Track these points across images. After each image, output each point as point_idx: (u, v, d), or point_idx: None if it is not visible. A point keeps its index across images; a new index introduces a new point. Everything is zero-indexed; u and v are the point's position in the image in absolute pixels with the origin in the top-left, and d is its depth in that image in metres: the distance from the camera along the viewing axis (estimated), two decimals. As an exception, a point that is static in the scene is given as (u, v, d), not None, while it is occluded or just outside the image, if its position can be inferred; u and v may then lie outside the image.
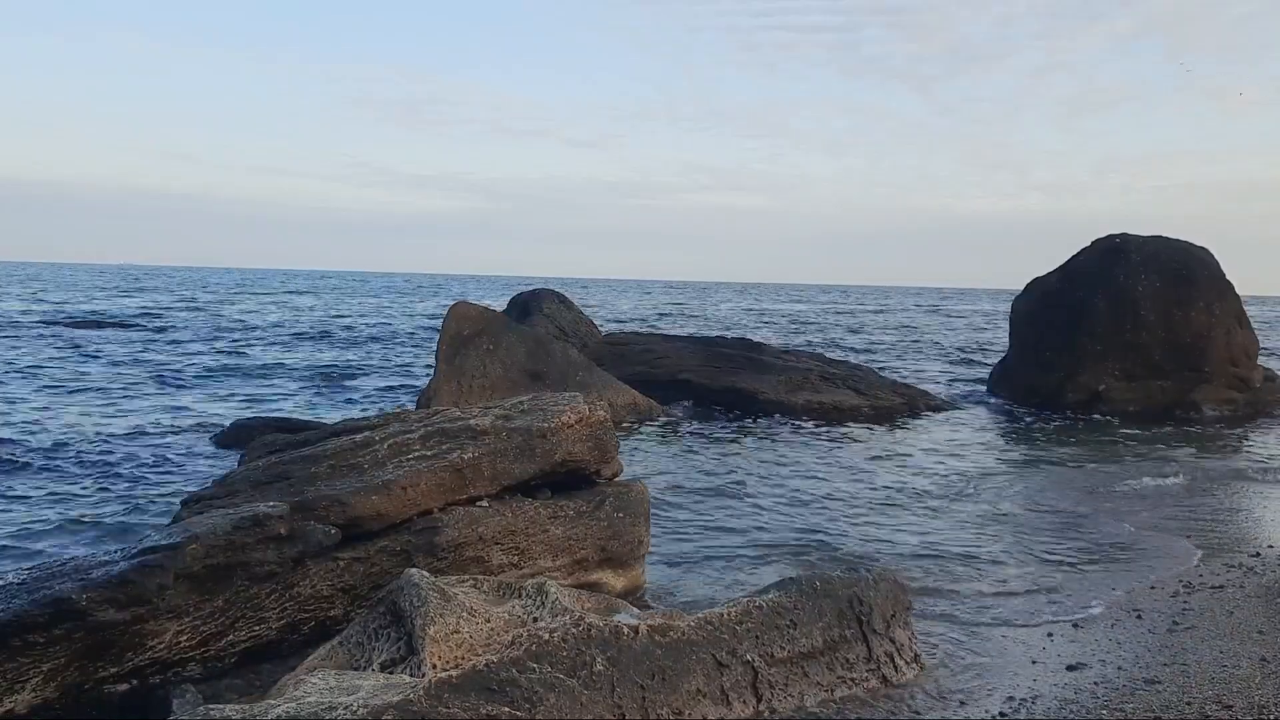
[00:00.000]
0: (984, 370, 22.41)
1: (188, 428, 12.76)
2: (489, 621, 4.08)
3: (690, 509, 8.82)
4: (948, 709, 4.54)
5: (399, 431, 5.82)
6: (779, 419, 14.85)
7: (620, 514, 6.02)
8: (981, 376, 21.24)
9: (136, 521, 8.02)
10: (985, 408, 17.34)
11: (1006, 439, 14.03)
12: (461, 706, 3.39)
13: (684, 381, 16.29)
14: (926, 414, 15.98)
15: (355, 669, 3.94)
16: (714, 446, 12.47)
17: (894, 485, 10.20)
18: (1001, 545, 7.84)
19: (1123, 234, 17.48)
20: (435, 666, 3.80)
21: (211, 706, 3.43)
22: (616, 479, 6.37)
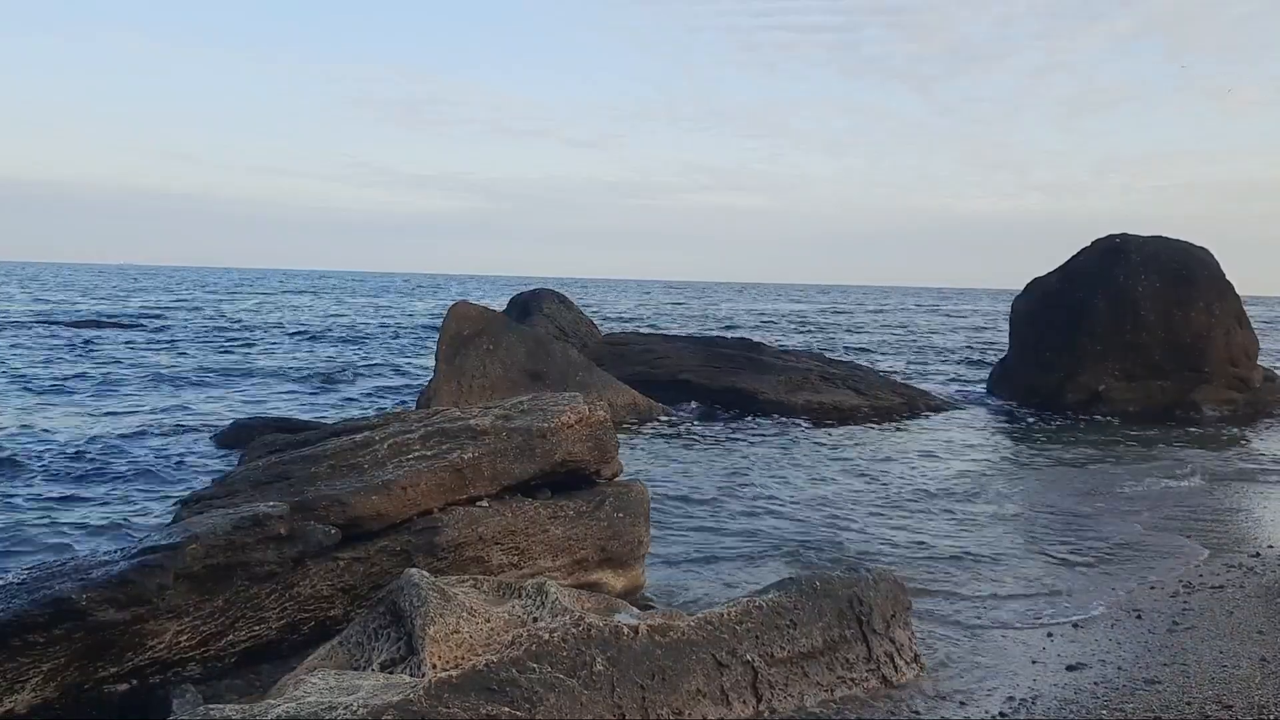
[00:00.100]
0: (984, 370, 22.42)
1: (188, 428, 12.76)
2: (489, 621, 4.08)
3: (690, 509, 8.82)
4: (948, 709, 4.54)
5: (399, 431, 5.82)
6: (779, 419, 14.85)
7: (620, 514, 6.01)
8: (981, 377, 21.25)
9: (136, 521, 8.02)
10: (985, 408, 17.34)
11: (1006, 439, 14.03)
12: (461, 706, 3.39)
13: (684, 381, 16.29)
14: (926, 414, 15.98)
15: (355, 669, 3.94)
16: (714, 446, 12.47)
17: (894, 485, 10.20)
18: (1001, 545, 7.85)
19: (1123, 234, 17.48)
20: (435, 666, 3.80)
21: (211, 706, 3.43)
22: (616, 479, 6.37)
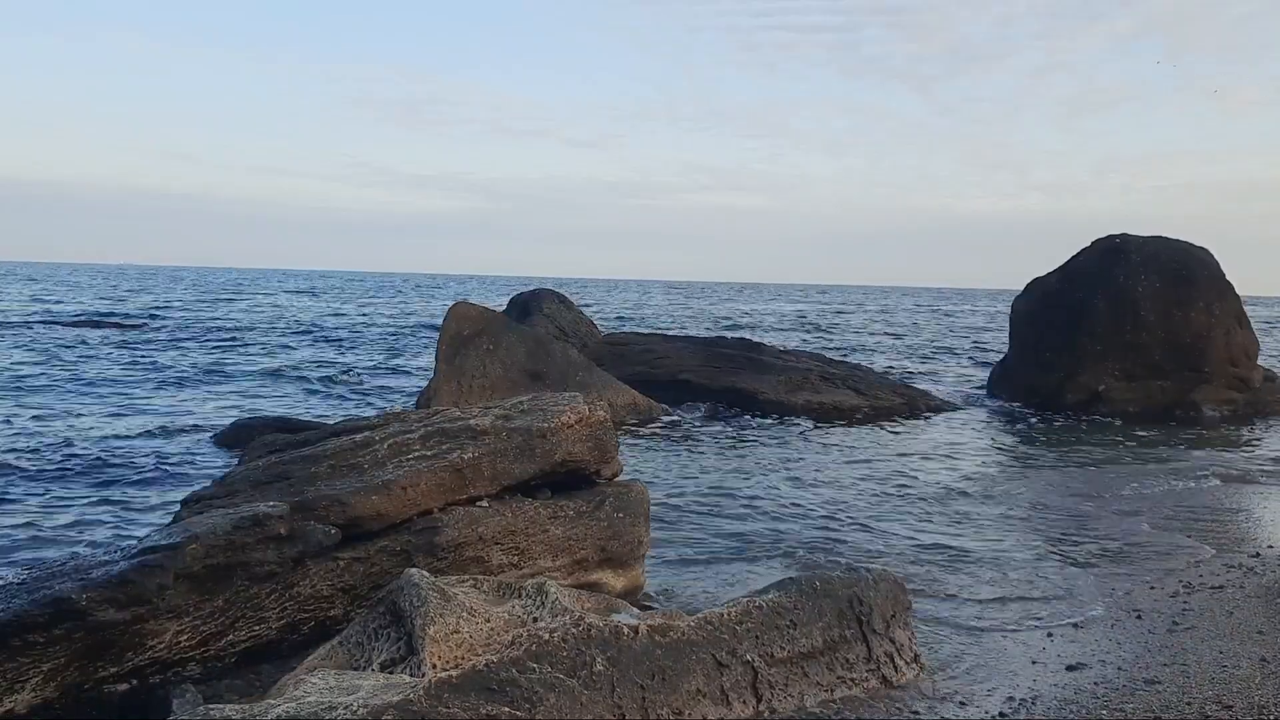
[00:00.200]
0: (984, 371, 22.42)
1: (188, 428, 12.76)
2: (489, 621, 4.08)
3: (690, 509, 8.82)
4: (948, 709, 4.54)
5: (399, 431, 5.82)
6: (779, 419, 14.85)
7: (620, 514, 6.01)
8: (981, 377, 21.25)
9: (136, 521, 8.02)
10: (985, 408, 17.35)
11: (1006, 439, 14.03)
12: (461, 706, 3.39)
13: (684, 381, 16.29)
14: (926, 414, 15.98)
15: (355, 669, 3.94)
16: (714, 446, 12.47)
17: (894, 485, 10.20)
18: (1002, 545, 7.85)
19: (1123, 234, 17.48)
20: (435, 666, 3.80)
21: (211, 706, 3.43)
22: (616, 479, 6.37)
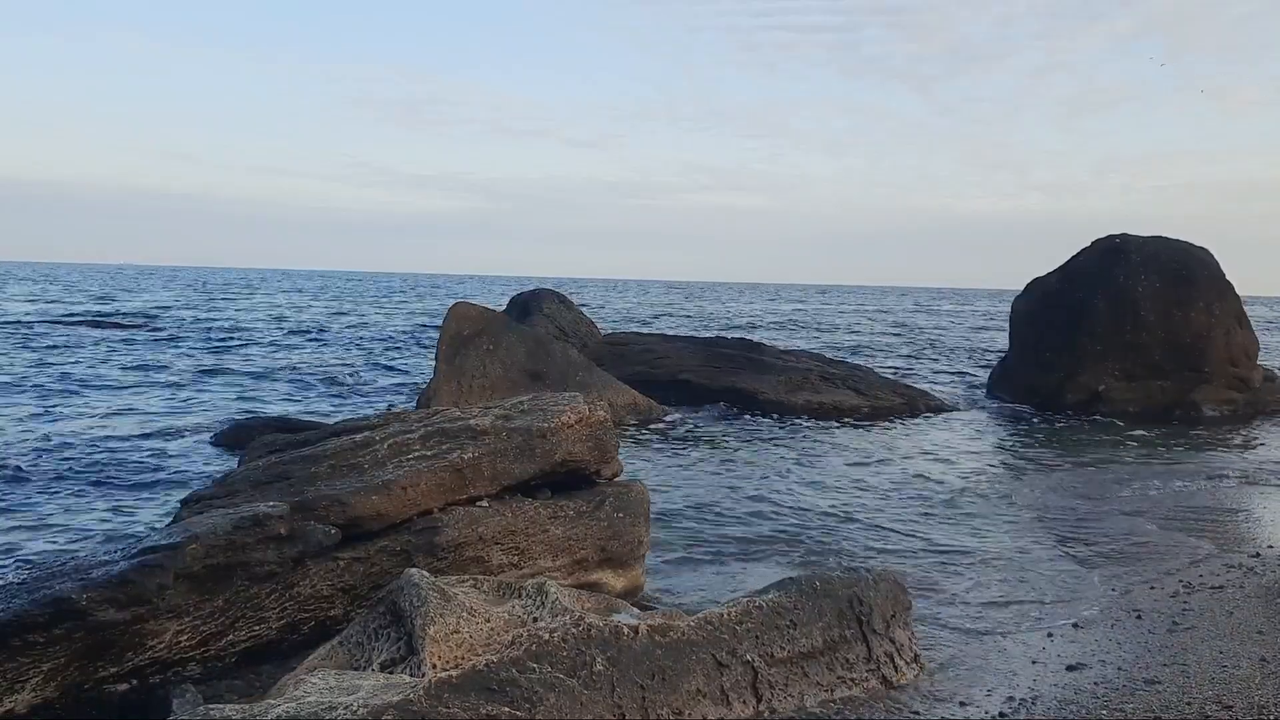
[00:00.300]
0: (984, 371, 22.42)
1: (188, 428, 12.76)
2: (489, 621, 4.08)
3: (690, 509, 8.82)
4: (948, 709, 4.54)
5: (399, 431, 5.82)
6: (779, 419, 14.85)
7: (620, 514, 6.02)
8: (981, 377, 21.25)
9: (137, 521, 8.03)
10: (985, 408, 17.34)
11: (1005, 439, 14.03)
12: (461, 706, 3.39)
13: (684, 381, 16.30)
14: (926, 414, 15.98)
15: (355, 669, 3.94)
16: (714, 446, 12.47)
17: (893, 485, 10.20)
18: (1002, 545, 7.85)
19: (1123, 234, 17.48)
20: (435, 666, 3.80)
21: (211, 706, 3.43)
22: (616, 479, 6.37)
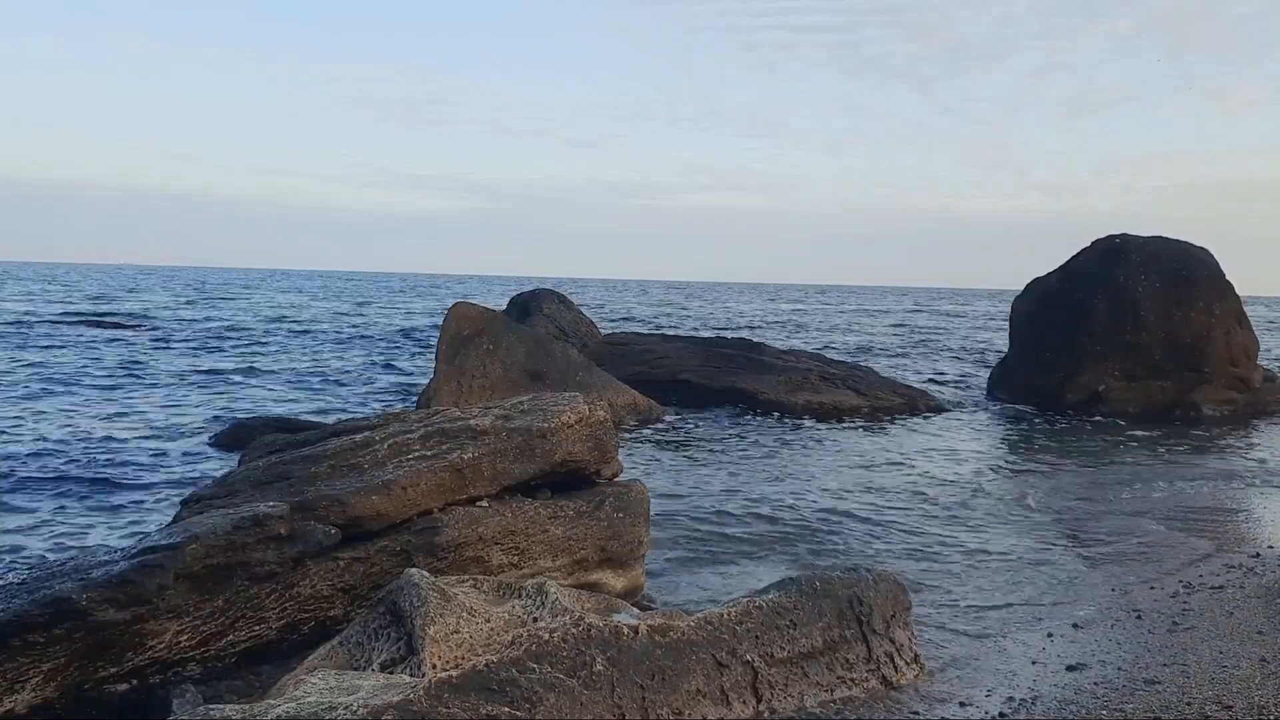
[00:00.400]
0: (984, 371, 22.42)
1: (187, 428, 12.76)
2: (489, 621, 4.08)
3: (690, 509, 8.82)
4: (947, 709, 4.54)
5: (399, 431, 5.82)
6: (779, 419, 14.85)
7: (620, 514, 6.02)
8: (981, 377, 21.25)
9: (136, 521, 8.03)
10: (985, 408, 17.34)
11: (1005, 439, 14.04)
12: (461, 706, 3.39)
13: (684, 381, 16.30)
14: (926, 414, 15.98)
15: (355, 669, 3.94)
16: (714, 446, 12.47)
17: (893, 485, 10.20)
18: (1001, 545, 7.85)
19: (1123, 234, 17.48)
20: (435, 666, 3.80)
21: (211, 706, 3.43)
22: (616, 479, 6.37)
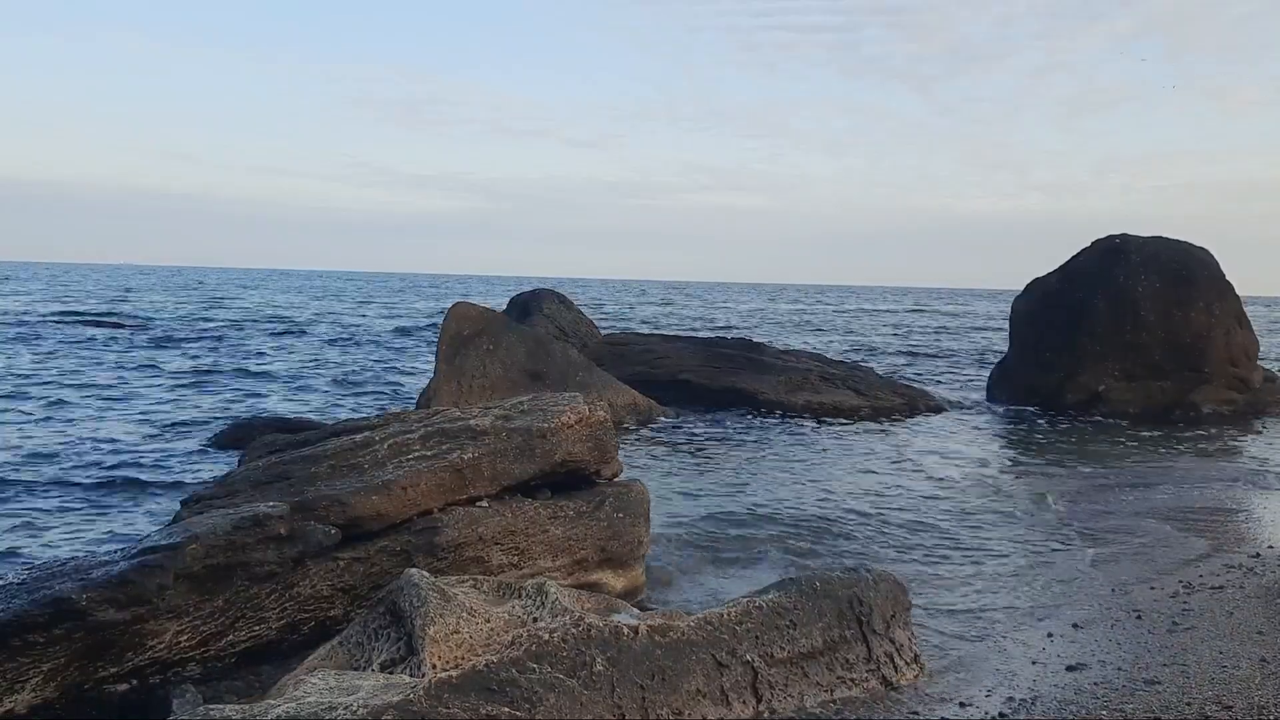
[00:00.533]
0: (984, 371, 22.41)
1: (187, 428, 12.76)
2: (489, 622, 4.08)
3: (690, 509, 8.82)
4: (947, 709, 4.54)
5: (399, 431, 5.82)
6: (779, 419, 14.85)
7: (620, 514, 6.02)
8: (981, 377, 21.24)
9: (136, 521, 8.03)
10: (985, 408, 17.35)
11: (1005, 439, 14.04)
12: (461, 706, 3.39)
13: (684, 382, 16.30)
14: (926, 414, 15.98)
15: (355, 669, 3.94)
16: (714, 447, 12.47)
17: (893, 485, 10.20)
18: (1001, 545, 7.85)
19: (1123, 234, 17.48)
20: (435, 666, 3.80)
21: (211, 706, 3.43)
22: (616, 479, 6.37)
